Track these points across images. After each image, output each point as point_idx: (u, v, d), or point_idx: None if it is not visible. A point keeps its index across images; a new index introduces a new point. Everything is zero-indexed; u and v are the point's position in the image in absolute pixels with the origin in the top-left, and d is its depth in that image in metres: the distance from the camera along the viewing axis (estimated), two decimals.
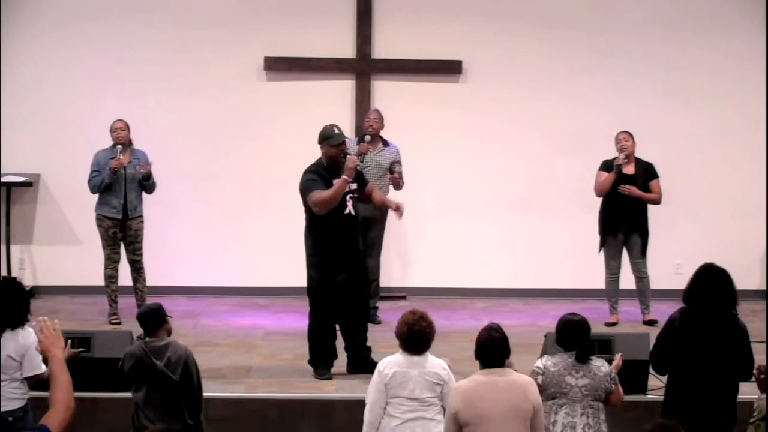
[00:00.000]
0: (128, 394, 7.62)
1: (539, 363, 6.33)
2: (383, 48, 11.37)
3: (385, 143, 10.22)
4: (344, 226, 8.27)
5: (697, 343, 6.35)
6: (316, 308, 8.32)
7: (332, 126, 8.38)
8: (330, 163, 8.29)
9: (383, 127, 10.26)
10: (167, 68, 11.29)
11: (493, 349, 5.94)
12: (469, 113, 11.35)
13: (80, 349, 6.91)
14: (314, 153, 10.81)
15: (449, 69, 11.35)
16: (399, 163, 10.12)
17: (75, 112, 11.22)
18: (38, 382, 6.59)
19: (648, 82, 11.41)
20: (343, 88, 11.37)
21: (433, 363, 6.30)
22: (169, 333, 6.70)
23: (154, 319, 6.66)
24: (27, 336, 6.57)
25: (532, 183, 11.46)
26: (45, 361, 6.42)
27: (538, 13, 11.41)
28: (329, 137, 8.31)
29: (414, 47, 11.32)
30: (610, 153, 10.33)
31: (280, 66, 11.32)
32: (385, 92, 11.38)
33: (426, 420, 6.19)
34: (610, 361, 6.54)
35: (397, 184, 9.96)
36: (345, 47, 11.37)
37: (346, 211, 8.26)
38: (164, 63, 11.30)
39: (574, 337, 6.31)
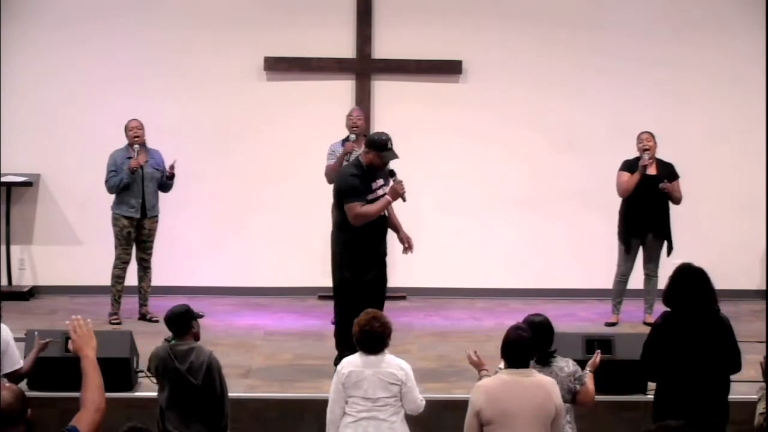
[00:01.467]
0: (128, 395, 7.66)
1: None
2: (383, 48, 11.37)
3: None
4: (376, 225, 8.26)
5: (683, 344, 6.35)
6: (345, 308, 8.13)
7: (387, 139, 8.23)
8: (369, 165, 8.23)
9: (366, 125, 10.31)
10: (167, 68, 11.29)
11: (520, 349, 5.90)
12: (469, 113, 11.35)
13: (48, 340, 6.92)
14: (315, 152, 10.85)
15: (449, 69, 11.35)
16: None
17: (75, 112, 11.22)
18: (18, 378, 6.59)
19: (648, 81, 11.40)
20: (343, 88, 11.37)
21: (391, 363, 6.33)
22: (196, 337, 6.69)
23: (177, 324, 6.67)
24: (3, 332, 6.55)
25: (533, 183, 11.46)
26: (33, 360, 6.48)
27: (538, 13, 11.41)
28: (380, 148, 8.17)
29: (414, 47, 11.32)
30: (611, 152, 10.34)
31: (280, 66, 11.32)
32: (385, 92, 11.38)
33: (379, 420, 6.24)
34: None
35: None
36: (345, 47, 11.37)
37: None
38: (164, 63, 11.29)
39: (536, 339, 6.27)
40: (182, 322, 6.67)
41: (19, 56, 11.13)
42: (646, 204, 9.92)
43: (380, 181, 8.26)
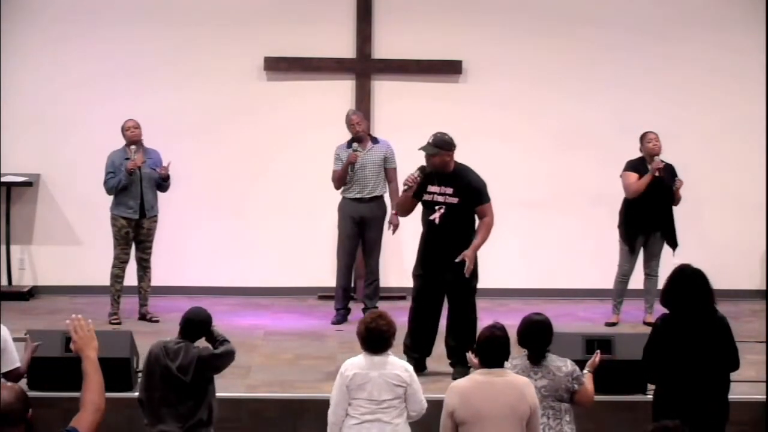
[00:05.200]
0: (128, 395, 7.63)
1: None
2: (383, 48, 11.37)
3: (375, 140, 10.26)
4: (427, 231, 8.41)
5: (682, 345, 6.34)
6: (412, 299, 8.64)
7: (431, 137, 8.48)
8: (431, 166, 8.40)
9: (368, 126, 10.35)
10: (167, 68, 11.29)
11: (493, 348, 5.91)
12: (469, 113, 11.33)
13: (38, 343, 6.88)
14: (315, 153, 10.86)
15: (449, 69, 11.35)
16: (390, 159, 10.19)
17: (75, 111, 11.22)
18: (18, 377, 6.58)
19: (649, 79, 11.40)
20: (343, 88, 11.37)
21: (395, 365, 6.30)
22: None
23: (195, 329, 6.67)
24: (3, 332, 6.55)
25: (533, 183, 11.45)
26: (27, 362, 6.48)
27: (537, 12, 11.41)
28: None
29: (414, 47, 11.32)
30: (613, 151, 10.35)
31: (280, 66, 11.32)
32: (385, 92, 11.38)
33: (383, 423, 6.19)
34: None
35: (395, 181, 10.05)
36: (345, 47, 11.37)
37: (431, 217, 8.34)
38: (164, 63, 11.30)
39: (531, 337, 6.26)
40: (201, 329, 6.67)
41: (18, 55, 11.13)
42: (651, 204, 9.91)
43: (446, 189, 8.31)
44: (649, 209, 9.92)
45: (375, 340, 6.28)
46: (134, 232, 9.96)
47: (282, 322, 10.30)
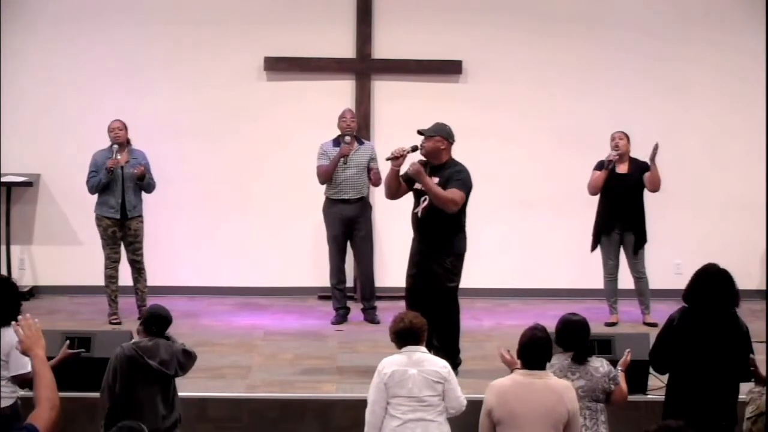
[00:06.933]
0: None
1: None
2: (383, 48, 11.37)
3: (360, 141, 10.29)
4: (413, 226, 8.43)
5: (697, 342, 6.34)
6: None
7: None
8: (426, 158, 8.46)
9: (356, 128, 10.38)
10: (167, 68, 11.30)
11: (535, 350, 5.91)
12: (468, 113, 11.33)
13: (80, 350, 6.91)
14: (315, 153, 10.86)
15: (449, 69, 11.36)
16: (375, 160, 10.19)
17: (75, 112, 11.22)
18: (25, 382, 6.57)
19: (647, 80, 11.40)
20: (343, 88, 11.37)
21: (433, 362, 6.29)
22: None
23: (160, 324, 6.67)
24: (11, 334, 6.53)
25: (533, 183, 11.46)
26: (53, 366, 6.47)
27: (537, 12, 11.41)
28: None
29: (414, 47, 11.32)
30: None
31: (280, 66, 11.32)
32: (385, 92, 11.38)
33: (427, 421, 6.16)
34: (613, 362, 6.52)
35: (377, 181, 10.03)
36: (345, 47, 11.37)
37: (415, 210, 8.38)
38: (164, 63, 11.30)
39: (573, 338, 6.29)
40: (165, 325, 6.68)
41: (19, 56, 11.14)
42: (619, 202, 9.95)
43: (434, 179, 8.27)
44: (617, 207, 9.95)
45: (407, 334, 6.28)
46: (121, 233, 9.96)
47: (282, 322, 10.30)
